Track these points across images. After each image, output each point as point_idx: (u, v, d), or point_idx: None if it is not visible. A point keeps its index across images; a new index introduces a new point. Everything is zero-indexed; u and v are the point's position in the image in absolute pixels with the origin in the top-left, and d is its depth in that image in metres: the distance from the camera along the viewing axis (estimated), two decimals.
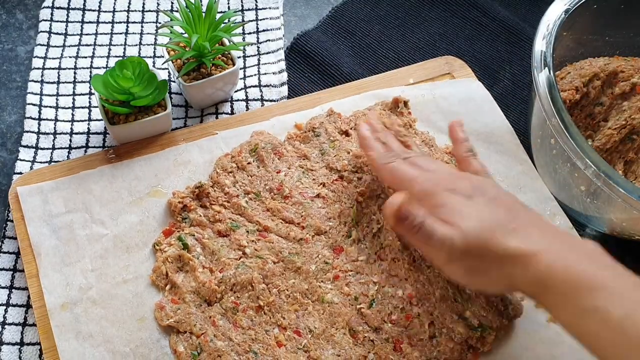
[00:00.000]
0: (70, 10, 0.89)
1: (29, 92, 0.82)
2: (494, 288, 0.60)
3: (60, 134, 0.80)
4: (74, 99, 0.83)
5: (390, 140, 0.70)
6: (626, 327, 0.48)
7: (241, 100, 0.83)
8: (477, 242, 0.56)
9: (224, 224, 0.71)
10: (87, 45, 0.87)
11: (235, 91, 0.84)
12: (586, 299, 0.51)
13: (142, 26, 0.89)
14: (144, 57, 0.87)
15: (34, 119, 0.80)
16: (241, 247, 0.69)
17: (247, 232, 0.70)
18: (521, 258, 0.54)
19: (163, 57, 0.83)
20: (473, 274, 0.58)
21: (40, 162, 0.77)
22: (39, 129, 0.80)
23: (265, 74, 0.85)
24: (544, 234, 0.57)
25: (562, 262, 0.53)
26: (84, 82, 0.84)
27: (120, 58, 0.86)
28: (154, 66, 0.86)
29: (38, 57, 0.85)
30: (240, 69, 0.85)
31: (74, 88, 0.83)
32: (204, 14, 0.76)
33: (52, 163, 0.77)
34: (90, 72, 0.85)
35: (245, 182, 0.73)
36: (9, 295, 0.70)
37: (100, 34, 0.88)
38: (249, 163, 0.74)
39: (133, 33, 0.89)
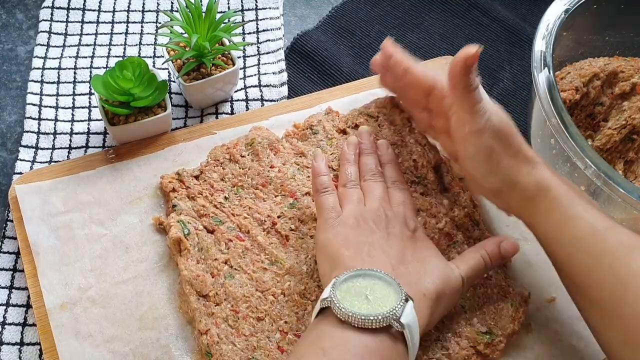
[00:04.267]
0: (70, 10, 0.89)
1: (29, 92, 0.82)
2: (496, 177, 0.63)
3: (60, 134, 0.80)
4: (74, 99, 0.83)
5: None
6: (607, 236, 0.56)
7: (241, 100, 0.83)
8: (506, 128, 0.62)
9: (209, 219, 0.71)
10: (87, 45, 0.87)
11: (235, 91, 0.84)
12: (577, 207, 0.58)
13: (142, 26, 0.89)
14: (144, 57, 0.87)
15: (34, 119, 0.80)
16: (226, 246, 0.69)
17: (228, 228, 0.70)
18: (532, 159, 0.62)
19: (163, 57, 0.83)
20: (487, 155, 0.62)
21: (40, 162, 0.77)
22: (39, 129, 0.80)
23: (265, 74, 0.85)
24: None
25: (559, 177, 0.61)
26: (84, 82, 0.84)
27: (120, 58, 0.86)
28: (154, 66, 0.86)
29: (38, 57, 0.85)
30: (240, 69, 0.85)
31: (74, 88, 0.83)
32: (204, 14, 0.76)
33: (52, 163, 0.77)
34: (90, 72, 0.85)
35: (235, 174, 0.73)
36: (9, 295, 0.70)
37: (100, 34, 0.88)
38: (242, 156, 0.74)
39: (133, 33, 0.89)
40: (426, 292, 0.58)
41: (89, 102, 0.82)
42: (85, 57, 0.86)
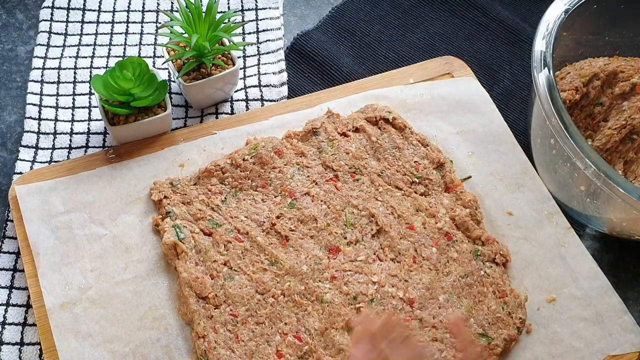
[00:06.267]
0: (70, 10, 0.89)
1: (29, 92, 0.82)
2: None
3: (60, 134, 0.80)
4: (74, 99, 0.83)
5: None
6: None
7: (241, 100, 0.83)
8: None
9: (205, 222, 0.71)
10: (87, 45, 0.87)
11: (235, 91, 0.84)
12: None
13: (142, 26, 0.89)
14: (144, 57, 0.87)
15: (34, 119, 0.80)
16: (225, 248, 0.69)
17: (226, 230, 0.70)
18: None
19: (163, 57, 0.83)
20: None
21: (41, 162, 0.77)
22: (39, 129, 0.80)
23: (265, 74, 0.85)
24: None
25: None
26: (84, 82, 0.84)
27: (121, 58, 0.86)
28: (154, 66, 0.86)
29: (38, 57, 0.85)
30: (240, 69, 0.85)
31: (74, 88, 0.83)
32: (204, 14, 0.76)
33: (52, 163, 0.77)
34: (90, 72, 0.85)
35: (235, 177, 0.73)
36: (9, 295, 0.70)
37: (100, 34, 0.88)
38: (244, 160, 0.74)
39: (133, 33, 0.89)
40: None
41: (89, 102, 0.82)
42: (85, 57, 0.86)
